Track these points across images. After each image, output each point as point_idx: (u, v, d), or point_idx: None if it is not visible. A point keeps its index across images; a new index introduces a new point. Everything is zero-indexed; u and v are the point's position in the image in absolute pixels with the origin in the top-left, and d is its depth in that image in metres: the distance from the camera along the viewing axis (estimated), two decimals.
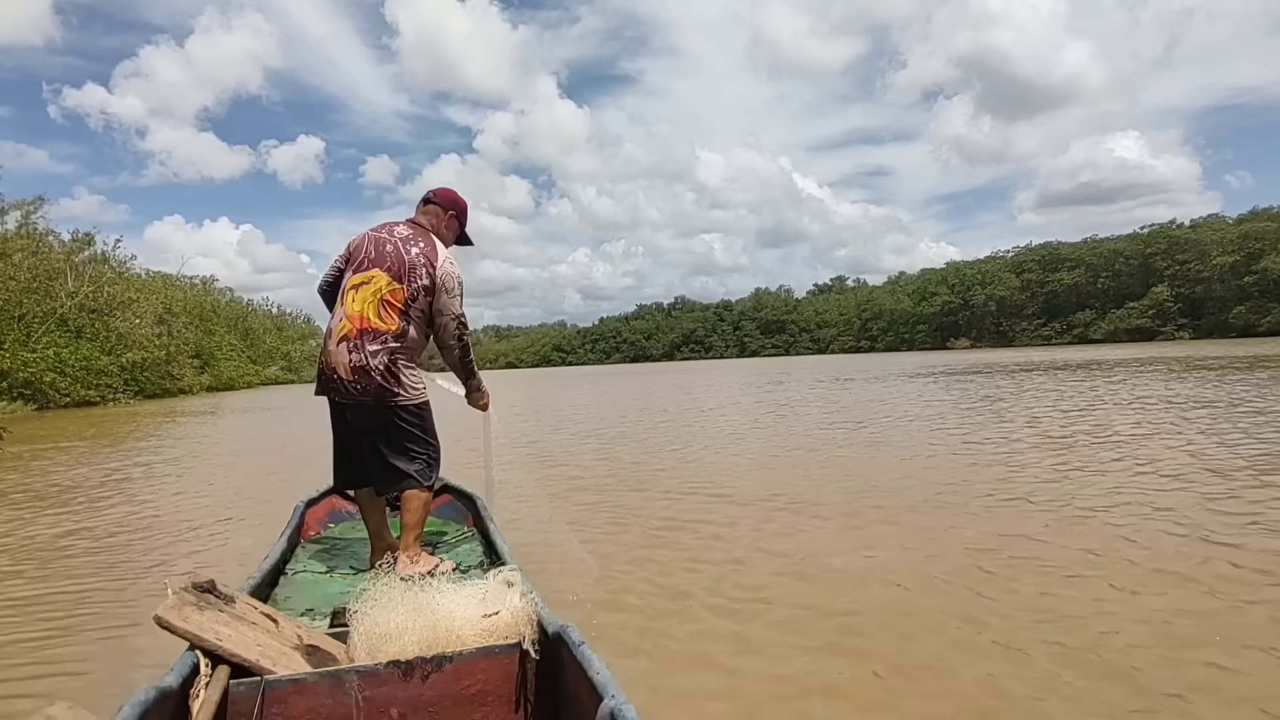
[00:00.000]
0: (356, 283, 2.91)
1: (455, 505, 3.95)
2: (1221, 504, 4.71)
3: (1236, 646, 2.66)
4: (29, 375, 28.61)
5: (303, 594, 2.73)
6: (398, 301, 2.86)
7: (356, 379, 2.83)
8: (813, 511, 5.08)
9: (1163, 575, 3.43)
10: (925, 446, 7.98)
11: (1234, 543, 3.87)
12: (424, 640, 1.84)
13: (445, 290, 2.92)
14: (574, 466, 7.77)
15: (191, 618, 1.73)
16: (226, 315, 67.75)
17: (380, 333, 2.84)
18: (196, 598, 1.81)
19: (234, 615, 1.85)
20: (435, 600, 1.93)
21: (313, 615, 2.47)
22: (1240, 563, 3.56)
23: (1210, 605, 3.07)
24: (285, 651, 1.85)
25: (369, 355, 2.82)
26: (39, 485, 7.80)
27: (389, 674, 1.76)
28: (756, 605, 3.31)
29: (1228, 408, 9.95)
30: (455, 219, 3.19)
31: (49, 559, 4.66)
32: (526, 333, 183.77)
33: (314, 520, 3.71)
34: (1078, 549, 3.89)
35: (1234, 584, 3.29)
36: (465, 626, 1.89)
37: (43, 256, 36.87)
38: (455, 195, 3.22)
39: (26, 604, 3.78)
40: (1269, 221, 69.23)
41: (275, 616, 2.00)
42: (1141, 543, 3.94)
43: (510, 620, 1.92)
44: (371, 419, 2.88)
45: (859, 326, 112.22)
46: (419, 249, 2.93)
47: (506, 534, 3.18)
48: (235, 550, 4.68)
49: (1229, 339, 60.46)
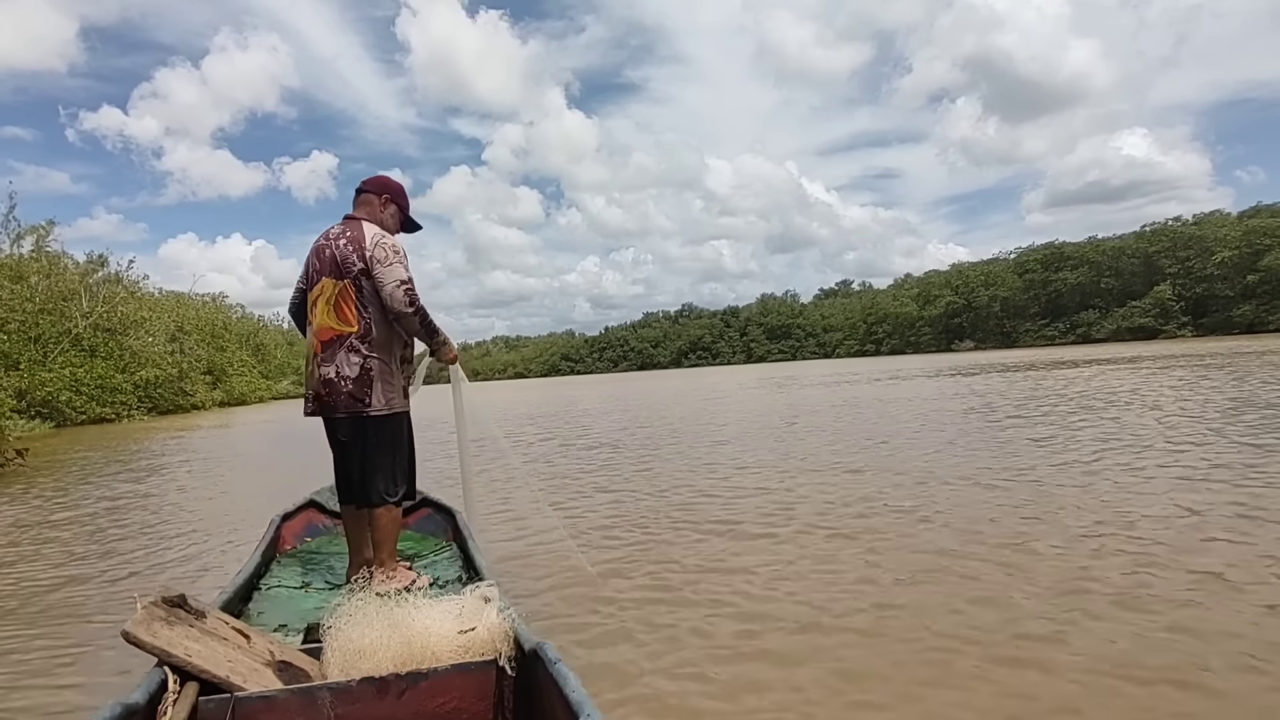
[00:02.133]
0: (314, 298, 2.95)
1: (434, 519, 3.91)
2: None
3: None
4: (46, 394, 29.47)
5: (276, 609, 2.70)
6: (349, 300, 2.85)
7: (327, 392, 2.84)
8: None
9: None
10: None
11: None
12: (399, 656, 1.83)
13: (378, 261, 2.84)
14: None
15: (160, 633, 1.71)
16: (238, 331, 68.74)
17: (344, 336, 2.84)
18: (166, 612, 1.78)
19: (204, 630, 1.82)
20: (410, 616, 1.92)
21: (286, 631, 2.45)
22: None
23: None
24: (256, 668, 1.83)
25: (337, 366, 2.83)
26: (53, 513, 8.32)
27: (362, 691, 1.74)
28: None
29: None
30: (392, 202, 3.14)
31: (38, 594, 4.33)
32: (535, 343, 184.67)
33: (290, 534, 3.66)
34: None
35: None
36: (441, 643, 1.87)
37: (57, 278, 37.90)
38: (386, 179, 3.19)
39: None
40: (1272, 218, 68.91)
41: (247, 632, 1.98)
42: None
43: (486, 636, 1.90)
44: (347, 431, 2.90)
45: (864, 330, 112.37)
46: (347, 239, 2.92)
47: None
48: (215, 563, 4.62)
49: (1232, 336, 60.17)
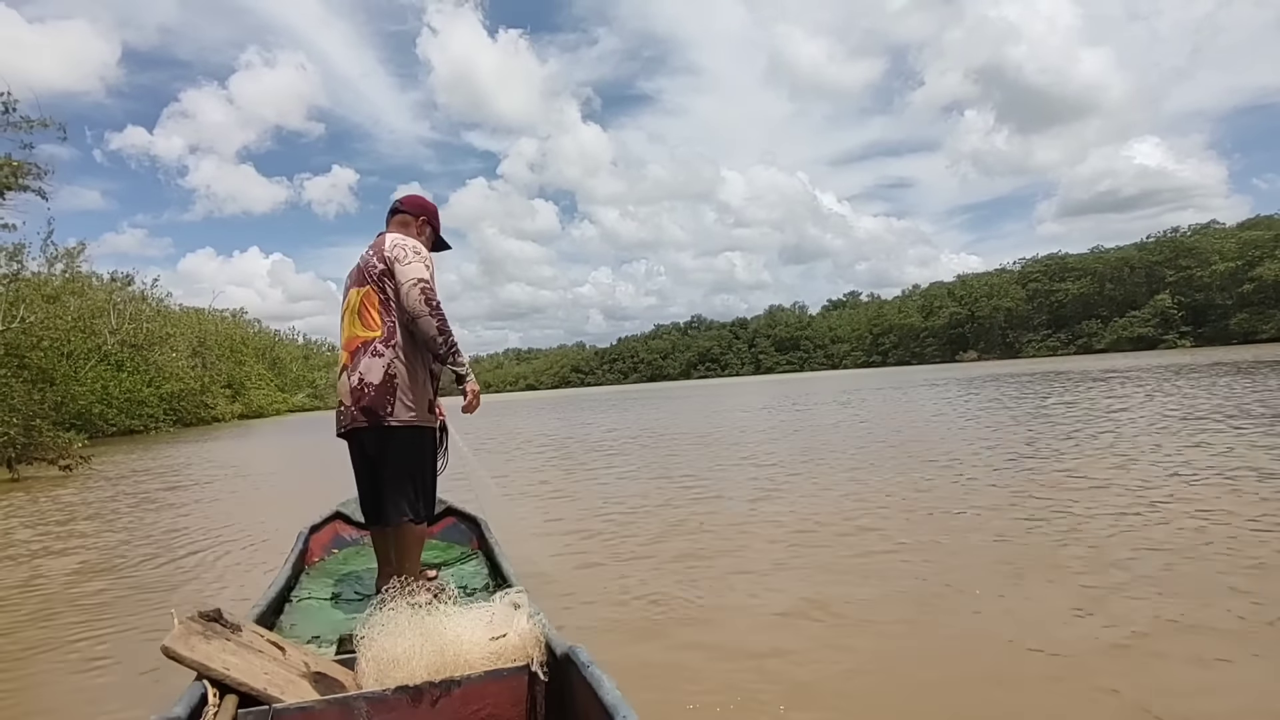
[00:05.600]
0: (342, 311, 2.97)
1: (459, 528, 3.95)
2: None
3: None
4: (80, 408, 31.41)
5: (308, 621, 2.73)
6: (372, 304, 2.85)
7: (354, 401, 2.81)
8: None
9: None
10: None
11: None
12: (432, 665, 1.85)
13: (397, 260, 2.84)
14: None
15: (198, 647, 1.74)
16: (255, 345, 70.78)
17: (368, 341, 2.82)
18: (203, 627, 1.81)
19: (241, 644, 1.85)
20: (442, 624, 1.93)
21: (319, 642, 2.47)
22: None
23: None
24: (293, 680, 1.85)
25: (360, 372, 2.80)
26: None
27: (397, 700, 1.76)
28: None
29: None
30: (427, 224, 3.16)
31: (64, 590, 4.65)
32: (546, 354, 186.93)
33: (318, 546, 3.72)
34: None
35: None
36: (473, 650, 1.89)
37: (88, 297, 40.02)
38: (423, 201, 3.20)
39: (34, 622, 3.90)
40: (1268, 229, 69.92)
41: (282, 644, 1.99)
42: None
43: (518, 642, 1.92)
44: (372, 443, 2.86)
45: (870, 341, 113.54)
46: (370, 249, 2.95)
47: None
48: (240, 578, 4.69)
49: (1229, 346, 60.98)
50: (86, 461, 13.54)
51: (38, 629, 3.84)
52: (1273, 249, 66.75)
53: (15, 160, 18.61)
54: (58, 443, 13.82)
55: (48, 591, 4.70)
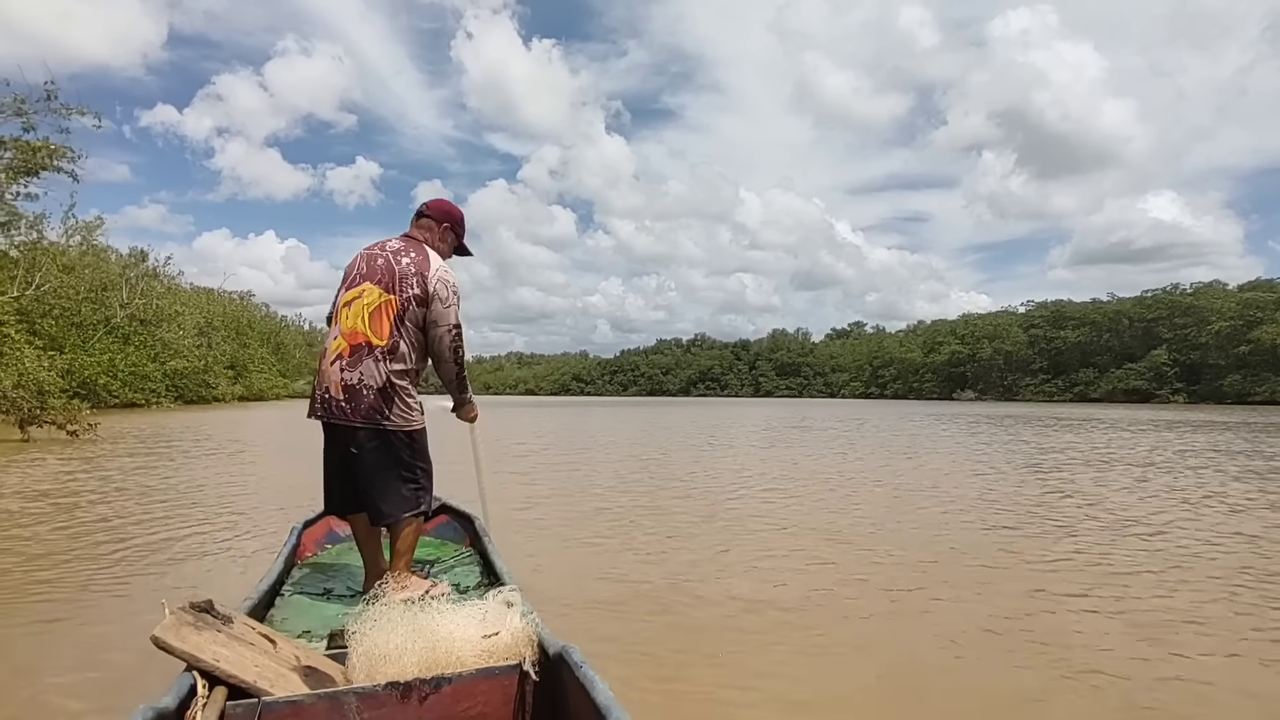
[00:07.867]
0: (349, 299, 2.86)
1: (453, 526, 3.94)
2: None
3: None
4: (86, 377, 32.02)
5: (299, 615, 2.72)
6: (389, 313, 2.79)
7: (347, 398, 2.76)
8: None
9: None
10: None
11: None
12: (423, 661, 1.84)
13: (439, 299, 2.83)
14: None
15: (189, 638, 1.73)
16: (261, 329, 71.69)
17: (373, 346, 2.77)
18: (194, 618, 1.80)
19: (232, 636, 1.84)
20: (434, 621, 1.92)
21: (309, 637, 2.47)
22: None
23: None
24: (283, 673, 1.85)
25: (362, 373, 2.75)
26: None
27: (387, 696, 1.76)
28: None
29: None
30: (450, 230, 3.12)
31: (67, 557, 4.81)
32: (549, 360, 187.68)
33: (310, 542, 3.69)
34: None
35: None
36: (465, 647, 1.88)
37: (101, 270, 40.83)
38: (449, 206, 3.16)
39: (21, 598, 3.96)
40: (1269, 291, 70.58)
41: (273, 637, 1.99)
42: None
43: (510, 641, 1.92)
44: (362, 442, 2.80)
45: (870, 373, 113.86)
46: (410, 259, 2.87)
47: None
48: (234, 570, 4.66)
49: (1224, 406, 61.46)
50: (92, 429, 14.31)
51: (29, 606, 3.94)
52: (1273, 312, 67.20)
53: (53, 144, 19.70)
54: (69, 409, 14.67)
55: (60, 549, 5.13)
